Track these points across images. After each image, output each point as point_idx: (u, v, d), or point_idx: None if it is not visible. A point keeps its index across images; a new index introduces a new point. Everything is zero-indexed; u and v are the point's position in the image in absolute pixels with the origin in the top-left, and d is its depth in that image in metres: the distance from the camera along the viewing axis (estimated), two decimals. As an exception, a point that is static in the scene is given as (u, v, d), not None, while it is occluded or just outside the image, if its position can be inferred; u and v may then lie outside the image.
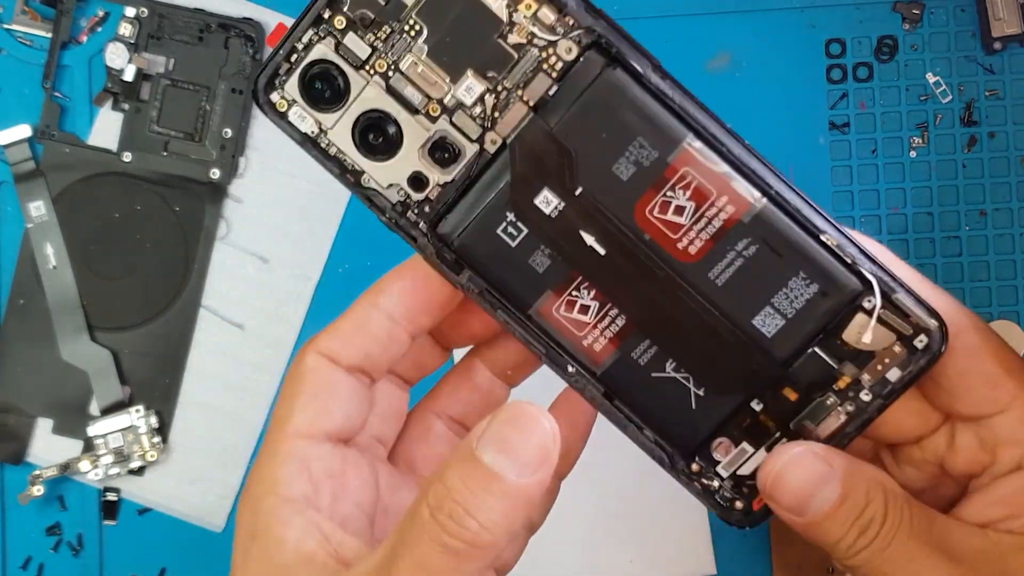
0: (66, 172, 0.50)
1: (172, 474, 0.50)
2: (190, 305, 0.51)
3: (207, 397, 0.50)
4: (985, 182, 0.50)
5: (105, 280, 0.50)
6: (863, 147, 0.51)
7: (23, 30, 0.51)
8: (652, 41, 0.50)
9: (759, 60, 0.51)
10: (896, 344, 0.35)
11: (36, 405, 0.50)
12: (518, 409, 0.29)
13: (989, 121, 0.51)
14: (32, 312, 0.50)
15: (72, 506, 0.50)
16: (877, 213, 0.50)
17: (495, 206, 0.37)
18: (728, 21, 0.51)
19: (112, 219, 0.50)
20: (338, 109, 0.37)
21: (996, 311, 0.50)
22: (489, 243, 0.37)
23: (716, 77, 0.51)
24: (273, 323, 0.50)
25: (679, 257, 0.36)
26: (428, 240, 0.37)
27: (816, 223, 0.35)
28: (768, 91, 0.50)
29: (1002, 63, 0.51)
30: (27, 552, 0.50)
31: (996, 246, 0.50)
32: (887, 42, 0.51)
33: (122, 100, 0.50)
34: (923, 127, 0.51)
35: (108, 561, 0.50)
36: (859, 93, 0.51)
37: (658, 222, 0.36)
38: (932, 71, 0.51)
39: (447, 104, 0.37)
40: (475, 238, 0.37)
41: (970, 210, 0.50)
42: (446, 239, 0.37)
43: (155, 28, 0.50)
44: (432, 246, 0.37)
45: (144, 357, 0.50)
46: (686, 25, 0.50)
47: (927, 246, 0.50)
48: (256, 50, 0.50)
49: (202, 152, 0.50)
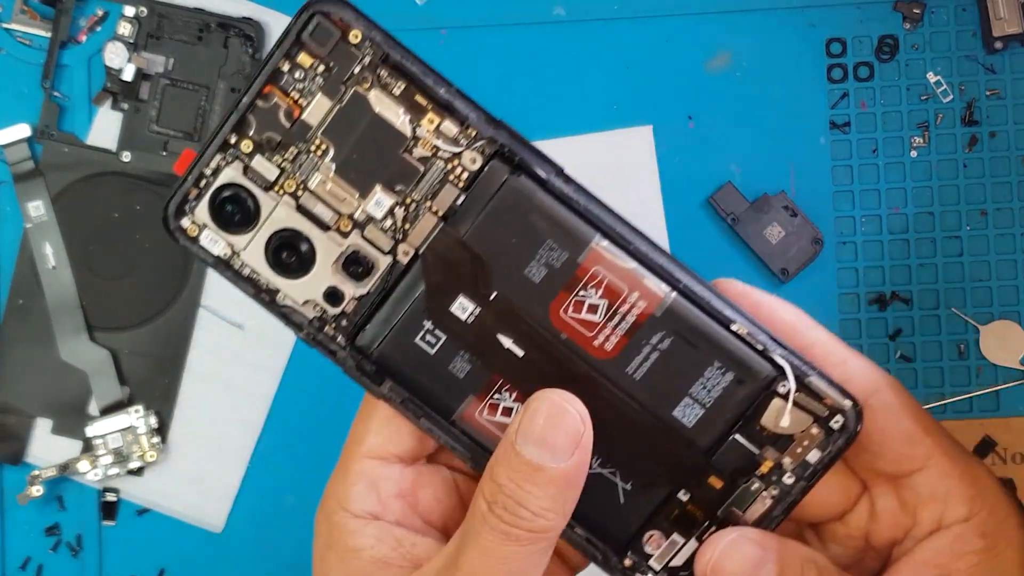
0: (65, 172, 0.50)
1: (172, 474, 0.50)
2: (190, 305, 0.50)
3: (207, 397, 0.50)
4: (986, 181, 0.50)
5: (105, 280, 0.50)
6: (864, 147, 0.51)
7: (22, 29, 0.51)
8: (652, 41, 0.50)
9: (759, 60, 0.50)
10: (814, 426, 0.36)
11: (36, 405, 0.50)
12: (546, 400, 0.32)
13: (990, 121, 0.50)
14: (32, 312, 0.50)
15: (71, 506, 0.50)
16: (878, 213, 0.50)
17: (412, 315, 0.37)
18: (728, 21, 0.50)
19: (112, 219, 0.50)
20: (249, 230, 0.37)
21: (996, 311, 0.50)
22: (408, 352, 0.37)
23: (716, 77, 0.50)
24: (273, 323, 0.50)
25: (596, 354, 0.37)
26: (347, 353, 0.37)
27: (726, 313, 0.36)
28: (768, 91, 0.50)
29: (1003, 63, 0.50)
30: (26, 552, 0.50)
31: (997, 246, 0.50)
32: (888, 41, 0.51)
33: (121, 100, 0.50)
34: (924, 127, 0.50)
35: (107, 562, 0.50)
36: (860, 92, 0.51)
37: (573, 321, 0.37)
38: (933, 71, 0.51)
39: (358, 219, 0.37)
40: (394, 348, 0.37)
41: (971, 210, 0.50)
42: (365, 351, 0.37)
43: (154, 28, 0.50)
44: (352, 359, 0.37)
45: (144, 357, 0.50)
46: (686, 25, 0.50)
47: (928, 246, 0.50)
48: (255, 50, 0.50)
49: (201, 152, 0.50)
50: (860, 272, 0.50)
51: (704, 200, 0.50)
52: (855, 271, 0.50)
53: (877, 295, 0.50)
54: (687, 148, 0.50)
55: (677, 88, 0.50)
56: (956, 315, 0.50)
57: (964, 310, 0.50)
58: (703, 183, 0.50)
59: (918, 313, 0.50)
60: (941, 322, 0.50)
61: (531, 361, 0.37)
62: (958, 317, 0.50)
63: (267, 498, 0.50)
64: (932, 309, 0.50)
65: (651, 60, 0.50)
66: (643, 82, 0.50)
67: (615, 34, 0.50)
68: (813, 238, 0.50)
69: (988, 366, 0.50)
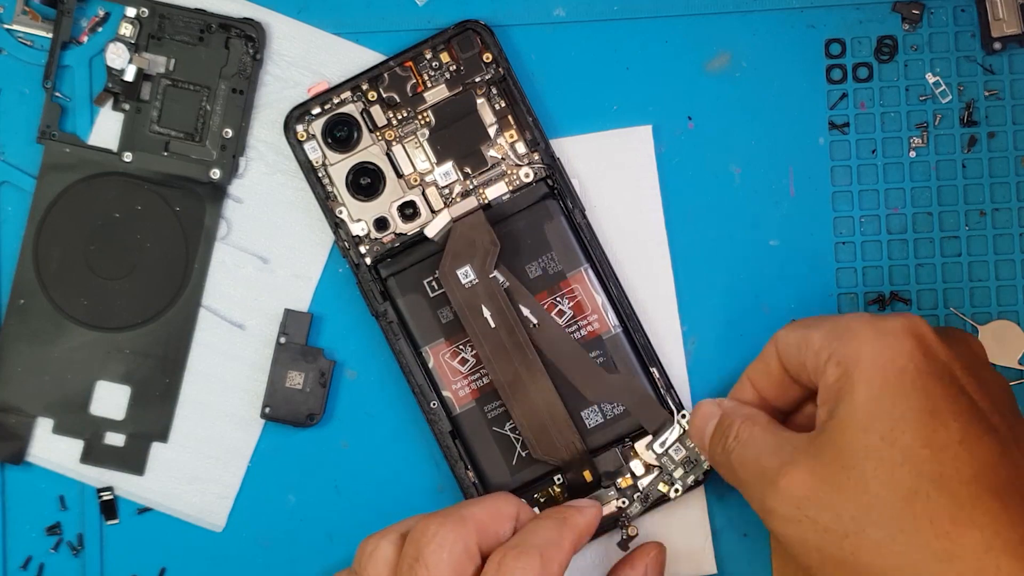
0: (67, 172, 0.50)
1: (172, 474, 0.50)
2: (190, 305, 0.51)
3: (207, 397, 0.50)
4: (985, 182, 0.50)
5: (105, 280, 0.50)
6: (863, 147, 0.51)
7: (24, 30, 0.51)
8: (652, 41, 0.50)
9: (759, 60, 0.51)
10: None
11: (36, 405, 0.50)
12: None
13: (989, 121, 0.51)
14: (32, 312, 0.50)
15: (72, 506, 0.50)
16: (877, 213, 0.50)
17: (427, 264, 0.48)
18: (728, 21, 0.51)
19: (112, 219, 0.50)
20: (345, 153, 0.48)
21: (996, 311, 0.50)
22: (411, 289, 0.48)
23: (716, 77, 0.51)
24: (273, 323, 0.50)
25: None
26: (366, 269, 0.48)
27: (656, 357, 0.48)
28: (768, 91, 0.51)
29: (1002, 63, 0.51)
30: (27, 552, 0.50)
31: (996, 246, 0.50)
32: (887, 42, 0.51)
33: (122, 100, 0.50)
34: (923, 127, 0.51)
35: (108, 561, 0.50)
36: (859, 93, 0.51)
37: None
38: (932, 71, 0.51)
39: (425, 179, 0.48)
40: (402, 281, 0.48)
41: (970, 210, 0.50)
42: (380, 274, 0.48)
43: (155, 28, 0.50)
44: (368, 275, 0.48)
45: (144, 357, 0.50)
46: (686, 25, 0.51)
47: (927, 246, 0.50)
48: (256, 50, 0.50)
49: (202, 152, 0.50)
50: (860, 272, 0.50)
51: (704, 200, 0.50)
52: (855, 271, 0.50)
53: (877, 295, 0.50)
54: (687, 148, 0.50)
55: (677, 88, 0.50)
56: (955, 315, 0.50)
57: (963, 310, 0.50)
58: (703, 183, 0.50)
59: (917, 313, 0.50)
60: (941, 322, 0.50)
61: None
62: (957, 317, 0.50)
63: (267, 498, 0.50)
64: (932, 309, 0.50)
65: (651, 60, 0.50)
66: (643, 82, 0.50)
67: (615, 34, 0.50)
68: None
69: (987, 366, 0.50)
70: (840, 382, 0.40)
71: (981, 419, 0.39)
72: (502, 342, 0.47)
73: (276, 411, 0.50)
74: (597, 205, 0.50)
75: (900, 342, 0.40)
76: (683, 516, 0.49)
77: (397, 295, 0.48)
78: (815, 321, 0.43)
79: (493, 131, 0.48)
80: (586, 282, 0.48)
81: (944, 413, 0.39)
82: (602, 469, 0.47)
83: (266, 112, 0.50)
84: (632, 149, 0.50)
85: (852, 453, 0.39)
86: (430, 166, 0.48)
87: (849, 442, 0.39)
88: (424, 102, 0.48)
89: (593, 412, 0.47)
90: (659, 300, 0.50)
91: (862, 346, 0.40)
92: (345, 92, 0.48)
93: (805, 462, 0.40)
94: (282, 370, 0.50)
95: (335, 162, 0.48)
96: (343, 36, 0.50)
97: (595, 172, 0.50)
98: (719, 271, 0.50)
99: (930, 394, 0.39)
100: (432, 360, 0.48)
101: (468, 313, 0.47)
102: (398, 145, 0.48)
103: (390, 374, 0.49)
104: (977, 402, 0.40)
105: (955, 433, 0.38)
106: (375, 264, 0.48)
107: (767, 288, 0.50)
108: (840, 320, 0.42)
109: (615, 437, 0.48)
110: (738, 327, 0.50)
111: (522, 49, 0.50)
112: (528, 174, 0.48)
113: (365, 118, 0.48)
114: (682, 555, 0.49)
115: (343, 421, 0.50)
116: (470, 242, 0.47)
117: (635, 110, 0.50)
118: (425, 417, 0.48)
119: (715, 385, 0.49)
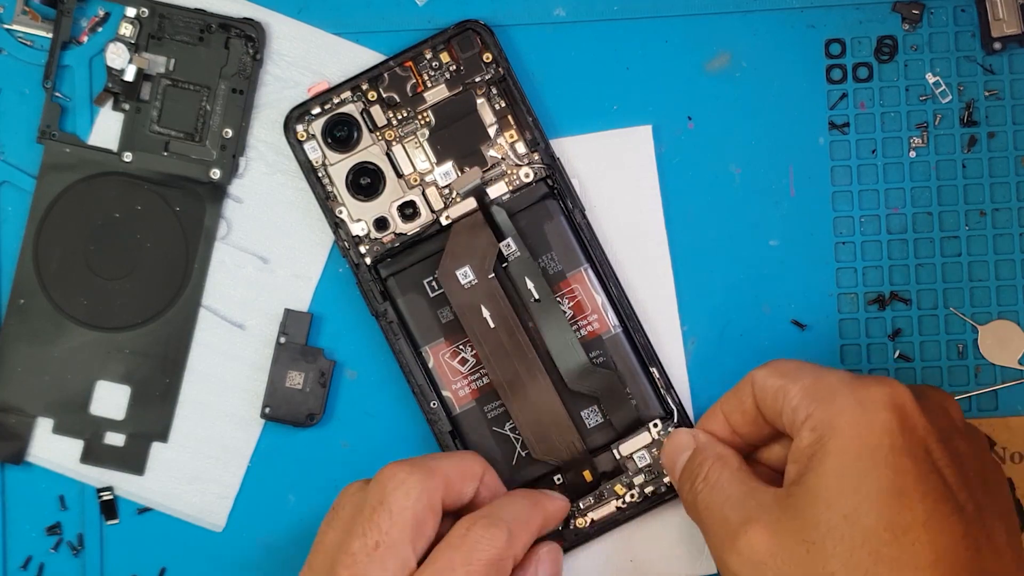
0: (67, 172, 0.50)
1: (172, 474, 0.50)
2: (190, 305, 0.51)
3: (207, 397, 0.50)
4: (985, 182, 0.50)
5: (105, 280, 0.50)
6: (863, 147, 0.51)
7: (23, 30, 0.51)
8: (652, 41, 0.50)
9: (759, 60, 0.51)
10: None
11: (36, 405, 0.50)
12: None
13: (989, 121, 0.51)
14: (32, 312, 0.50)
15: (72, 506, 0.50)
16: (877, 213, 0.50)
17: (426, 265, 0.48)
18: (728, 21, 0.51)
19: (112, 219, 0.50)
20: (344, 153, 0.48)
21: (996, 311, 0.50)
22: (410, 289, 0.48)
23: (716, 77, 0.51)
24: (273, 323, 0.50)
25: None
26: (367, 269, 0.48)
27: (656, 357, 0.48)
28: (768, 91, 0.51)
29: (1002, 63, 0.51)
30: (27, 552, 0.50)
31: (996, 246, 0.50)
32: (887, 42, 0.51)
33: (122, 100, 0.50)
34: (923, 127, 0.51)
35: (108, 560, 0.50)
36: (859, 93, 0.51)
37: None
38: (932, 71, 0.51)
39: (425, 179, 0.48)
40: (402, 281, 0.48)
41: (970, 210, 0.50)
42: (380, 274, 0.48)
43: (155, 28, 0.50)
44: (368, 275, 0.48)
45: (144, 357, 0.50)
46: (686, 25, 0.51)
47: (927, 246, 0.50)
48: (256, 50, 0.50)
49: (202, 152, 0.50)
50: (860, 272, 0.50)
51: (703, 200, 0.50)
52: (855, 271, 0.50)
53: (877, 295, 0.50)
54: (687, 148, 0.50)
55: (677, 88, 0.50)
56: (955, 315, 0.50)
57: (963, 310, 0.50)
58: (703, 183, 0.50)
59: (917, 313, 0.50)
60: (940, 322, 0.50)
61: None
62: (957, 317, 0.50)
63: (267, 498, 0.50)
64: (931, 309, 0.50)
65: (651, 60, 0.50)
66: (643, 82, 0.50)
67: (615, 34, 0.50)
68: (813, 238, 0.50)
69: (987, 366, 0.50)
70: (813, 448, 0.40)
71: (948, 498, 0.39)
72: (502, 342, 0.47)
73: (276, 411, 0.50)
74: (597, 205, 0.50)
75: (878, 415, 0.39)
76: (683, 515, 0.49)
77: (397, 295, 0.48)
78: (795, 370, 0.42)
79: (493, 131, 0.48)
80: (586, 282, 0.48)
81: (911, 494, 0.38)
82: (602, 469, 0.47)
83: (266, 112, 0.50)
84: (632, 149, 0.50)
85: (815, 527, 0.38)
86: (430, 166, 0.48)
87: (813, 515, 0.39)
88: (424, 102, 0.48)
89: (593, 412, 0.47)
90: (659, 300, 0.50)
91: (839, 415, 0.40)
92: (345, 92, 0.48)
93: (767, 525, 0.39)
94: (282, 370, 0.50)
95: (335, 162, 0.48)
96: (343, 36, 0.50)
97: (595, 172, 0.50)
98: (719, 271, 0.50)
99: (900, 472, 0.39)
100: (432, 360, 0.48)
101: (467, 313, 0.47)
102: (398, 145, 0.48)
103: (390, 374, 0.49)
104: (947, 478, 0.39)
105: (920, 515, 0.38)
106: (375, 264, 0.48)
107: (767, 288, 0.50)
108: (821, 378, 0.41)
109: (615, 437, 0.47)
110: (738, 327, 0.50)
111: (522, 49, 0.50)
112: (528, 174, 0.48)
113: (365, 118, 0.48)
114: (680, 555, 0.49)
115: (343, 421, 0.50)
116: (469, 244, 0.47)
117: (635, 110, 0.50)
118: (425, 417, 0.48)
119: (715, 385, 0.49)
